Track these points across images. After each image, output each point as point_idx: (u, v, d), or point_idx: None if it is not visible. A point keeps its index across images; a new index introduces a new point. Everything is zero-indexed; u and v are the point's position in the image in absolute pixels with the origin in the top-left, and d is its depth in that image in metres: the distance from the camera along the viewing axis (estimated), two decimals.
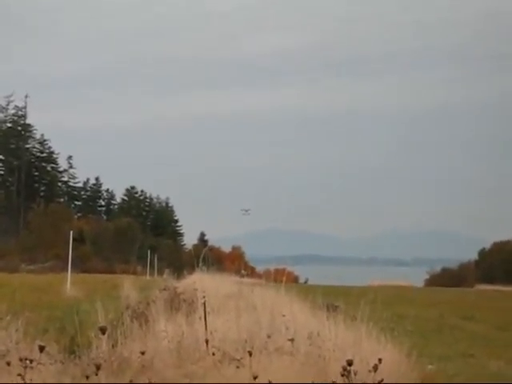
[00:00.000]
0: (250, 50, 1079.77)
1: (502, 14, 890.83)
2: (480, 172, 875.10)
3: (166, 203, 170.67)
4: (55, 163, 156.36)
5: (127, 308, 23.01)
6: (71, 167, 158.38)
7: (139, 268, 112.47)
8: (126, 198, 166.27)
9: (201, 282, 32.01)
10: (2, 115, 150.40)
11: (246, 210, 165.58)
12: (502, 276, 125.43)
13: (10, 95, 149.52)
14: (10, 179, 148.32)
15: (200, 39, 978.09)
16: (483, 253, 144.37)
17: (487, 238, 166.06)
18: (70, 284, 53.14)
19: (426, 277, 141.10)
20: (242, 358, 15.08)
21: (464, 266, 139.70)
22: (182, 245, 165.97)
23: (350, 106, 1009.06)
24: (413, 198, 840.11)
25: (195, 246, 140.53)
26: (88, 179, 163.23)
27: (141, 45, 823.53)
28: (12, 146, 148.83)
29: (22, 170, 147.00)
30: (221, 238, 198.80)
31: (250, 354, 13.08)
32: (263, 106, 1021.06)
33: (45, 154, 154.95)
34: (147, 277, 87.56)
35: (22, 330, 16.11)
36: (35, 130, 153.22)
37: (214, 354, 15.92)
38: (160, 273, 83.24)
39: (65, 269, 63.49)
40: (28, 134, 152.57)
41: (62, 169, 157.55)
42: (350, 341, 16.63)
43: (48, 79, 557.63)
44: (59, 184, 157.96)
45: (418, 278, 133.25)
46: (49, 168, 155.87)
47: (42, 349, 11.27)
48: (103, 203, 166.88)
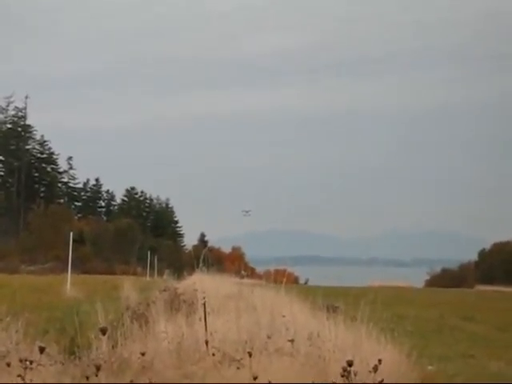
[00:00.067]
0: (249, 50, 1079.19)
1: (502, 13, 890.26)
2: (480, 172, 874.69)
3: (166, 204, 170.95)
4: (55, 164, 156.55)
5: (127, 309, 22.98)
6: (71, 168, 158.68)
7: (139, 269, 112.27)
8: (126, 199, 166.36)
9: (201, 283, 31.91)
10: (2, 116, 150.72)
11: (247, 211, 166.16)
12: (502, 276, 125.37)
13: (10, 96, 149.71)
14: (10, 180, 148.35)
15: (200, 39, 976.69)
16: (483, 253, 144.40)
17: (487, 238, 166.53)
18: (70, 285, 53.18)
19: (426, 277, 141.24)
20: (242, 359, 15.09)
21: (464, 267, 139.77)
22: (182, 245, 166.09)
23: (350, 105, 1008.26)
24: (413, 198, 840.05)
25: (195, 246, 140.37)
26: (88, 180, 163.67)
27: (141, 45, 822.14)
28: (12, 147, 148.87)
29: (22, 171, 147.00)
30: (221, 239, 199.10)
31: (250, 355, 13.09)
32: (263, 105, 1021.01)
33: (45, 155, 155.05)
34: (147, 278, 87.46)
35: (22, 331, 16.12)
36: (35, 130, 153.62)
37: (214, 354, 15.94)
38: (160, 273, 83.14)
39: (65, 270, 63.54)
40: (28, 134, 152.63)
41: (62, 170, 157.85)
42: (350, 341, 16.64)
43: (48, 79, 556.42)
44: (59, 185, 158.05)
45: (418, 279, 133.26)
46: (49, 169, 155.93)
47: (42, 350, 11.29)
48: (103, 204, 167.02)
